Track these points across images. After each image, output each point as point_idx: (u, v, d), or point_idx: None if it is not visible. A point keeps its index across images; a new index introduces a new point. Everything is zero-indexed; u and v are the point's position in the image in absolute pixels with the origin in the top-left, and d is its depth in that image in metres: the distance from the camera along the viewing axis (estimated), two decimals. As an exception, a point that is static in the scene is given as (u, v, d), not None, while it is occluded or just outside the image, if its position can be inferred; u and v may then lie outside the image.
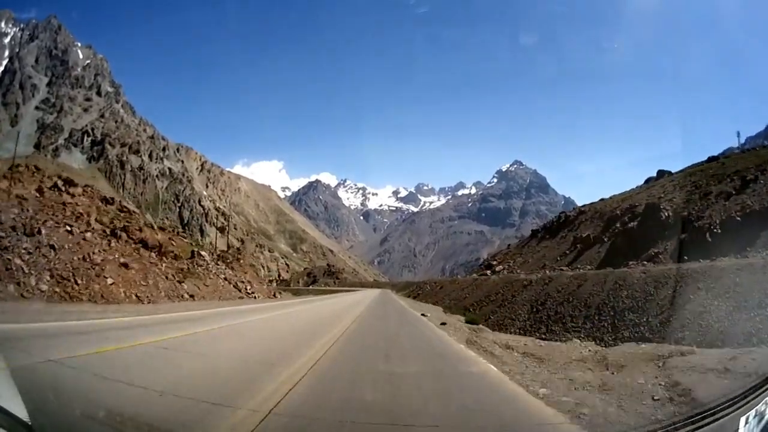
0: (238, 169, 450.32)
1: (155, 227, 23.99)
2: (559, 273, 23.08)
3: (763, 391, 2.80)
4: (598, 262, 26.84)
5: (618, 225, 29.91)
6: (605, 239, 28.86)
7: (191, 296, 15.68)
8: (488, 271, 34.97)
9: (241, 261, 27.39)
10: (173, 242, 22.29)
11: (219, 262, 22.71)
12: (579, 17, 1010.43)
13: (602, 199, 37.51)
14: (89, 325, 8.05)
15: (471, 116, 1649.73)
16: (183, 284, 16.18)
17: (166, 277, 15.30)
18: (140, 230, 18.36)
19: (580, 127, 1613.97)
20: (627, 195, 34.83)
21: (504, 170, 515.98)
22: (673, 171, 37.26)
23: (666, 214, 28.09)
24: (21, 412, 2.18)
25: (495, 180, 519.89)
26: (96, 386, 4.08)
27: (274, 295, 27.15)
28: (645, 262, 24.76)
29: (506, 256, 40.31)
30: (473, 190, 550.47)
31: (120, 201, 26.41)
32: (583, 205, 36.94)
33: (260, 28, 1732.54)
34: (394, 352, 8.15)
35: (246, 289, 21.90)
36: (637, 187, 40.14)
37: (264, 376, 4.95)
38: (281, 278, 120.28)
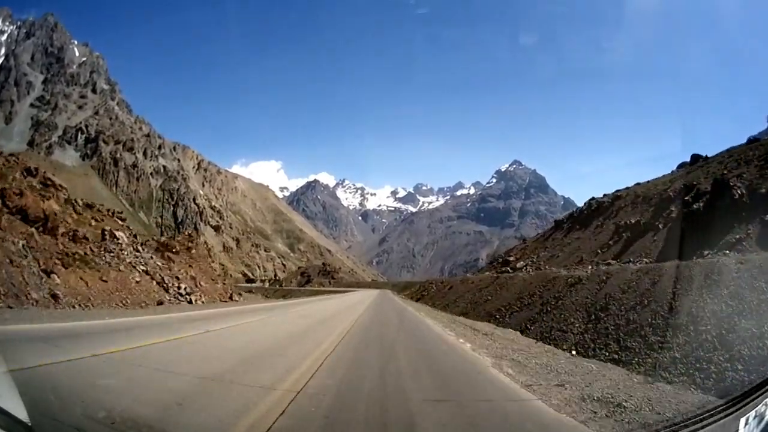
0: (236, 169, 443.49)
1: (79, 204, 17.71)
2: (619, 267, 16.84)
3: (763, 392, 2.69)
4: (656, 254, 20.54)
5: (673, 208, 23.66)
6: (660, 225, 22.65)
7: (53, 297, 9.25)
8: (508, 268, 28.75)
9: (194, 251, 20.84)
10: (95, 220, 16.07)
11: (143, 249, 16.17)
12: (578, 17, 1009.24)
13: (638, 184, 31.27)
14: None
15: (470, 116, 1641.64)
16: (54, 276, 9.89)
17: (12, 263, 8.96)
18: (20, 195, 12.09)
19: (579, 128, 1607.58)
20: (675, 176, 28.70)
21: (503, 170, 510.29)
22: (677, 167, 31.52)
23: (739, 192, 21.86)
24: (21, 412, 2.15)
25: (494, 180, 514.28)
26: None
27: (231, 298, 20.44)
28: (726, 252, 18.64)
29: (525, 251, 33.98)
30: (472, 191, 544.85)
31: (44, 172, 20.10)
32: (618, 190, 30.66)
33: (259, 28, 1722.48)
34: None
35: (178, 288, 15.22)
36: (671, 172, 33.76)
37: None
38: (276, 278, 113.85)
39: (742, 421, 2.38)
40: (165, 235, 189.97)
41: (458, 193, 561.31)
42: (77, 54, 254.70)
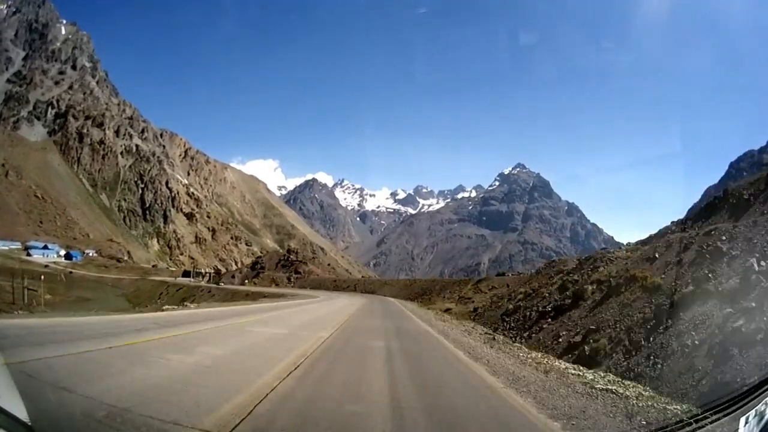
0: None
1: None
2: None
3: (763, 391, 2.64)
4: None
5: None
6: None
7: None
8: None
9: None
10: None
11: None
12: (581, 17, 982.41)
13: None
14: None
15: (472, 118, 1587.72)
16: None
17: None
18: None
19: (584, 130, 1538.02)
20: None
21: (506, 173, 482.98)
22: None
23: None
24: (21, 412, 2.09)
25: (497, 183, 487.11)
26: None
27: None
28: None
29: None
30: (473, 193, 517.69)
31: None
32: None
33: (258, 27, 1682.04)
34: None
35: None
36: None
37: None
38: (216, 271, 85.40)
39: (743, 420, 2.36)
40: (128, 220, 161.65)
41: (459, 195, 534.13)
42: (63, 32, 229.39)
